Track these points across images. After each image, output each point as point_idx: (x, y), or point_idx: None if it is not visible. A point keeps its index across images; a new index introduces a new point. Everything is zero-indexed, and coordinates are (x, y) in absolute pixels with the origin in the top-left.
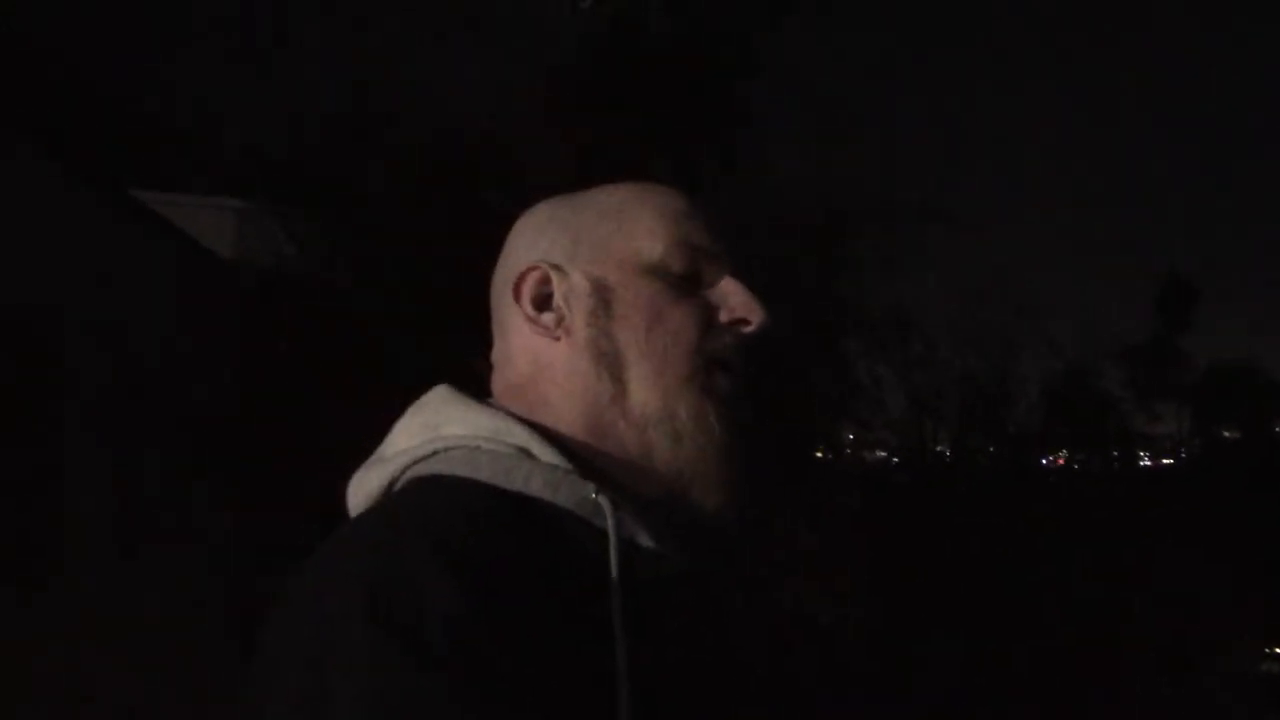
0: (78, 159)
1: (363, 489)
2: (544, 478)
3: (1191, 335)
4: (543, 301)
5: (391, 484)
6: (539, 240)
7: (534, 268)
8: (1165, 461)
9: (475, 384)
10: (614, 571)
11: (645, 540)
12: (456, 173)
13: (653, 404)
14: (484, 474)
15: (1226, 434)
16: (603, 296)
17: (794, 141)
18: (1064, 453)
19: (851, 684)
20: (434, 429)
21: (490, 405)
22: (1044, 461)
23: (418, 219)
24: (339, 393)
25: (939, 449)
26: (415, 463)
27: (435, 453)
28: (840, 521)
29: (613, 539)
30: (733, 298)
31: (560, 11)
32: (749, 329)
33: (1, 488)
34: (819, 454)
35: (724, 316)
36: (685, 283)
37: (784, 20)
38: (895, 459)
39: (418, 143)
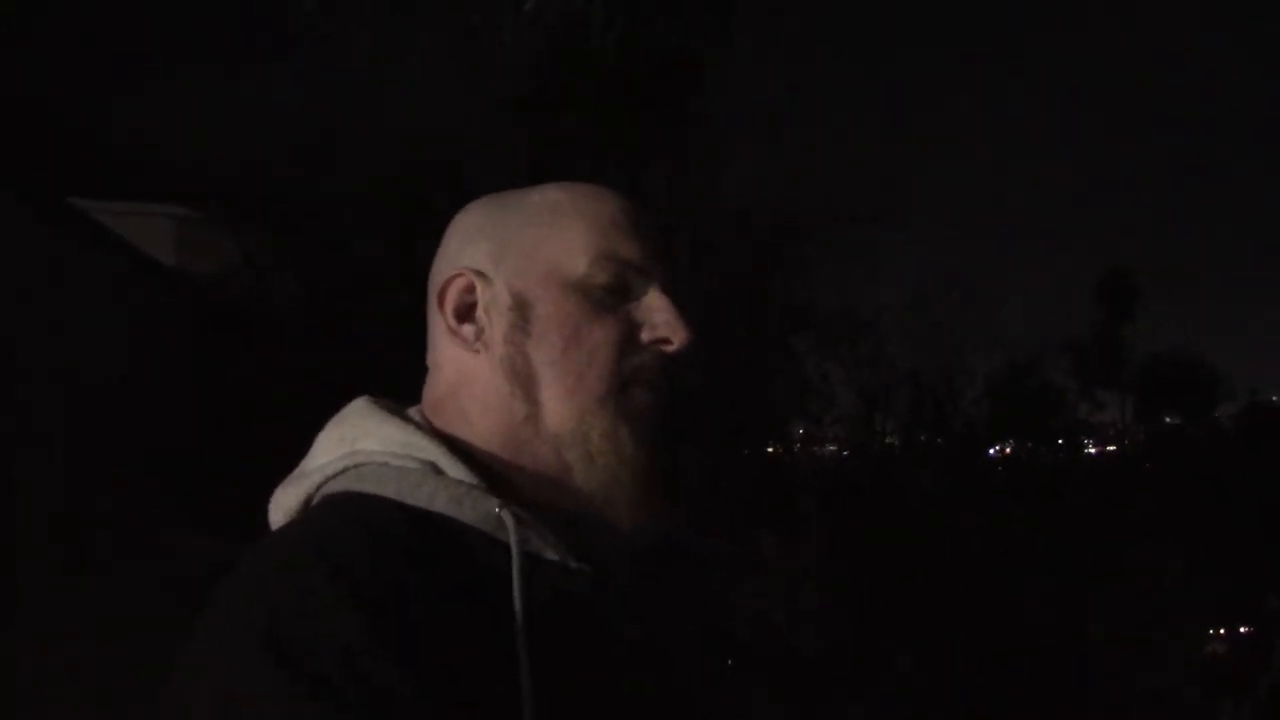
0: (10, 165)
1: (281, 506)
2: (449, 493)
3: (1132, 325)
4: (465, 311)
5: (308, 500)
6: (466, 245)
7: (459, 274)
8: (1109, 449)
9: (409, 391)
10: (516, 588)
11: (553, 555)
12: (406, 180)
13: (567, 424)
14: (391, 490)
15: (1168, 420)
16: (522, 312)
17: (745, 146)
18: (1010, 443)
19: (806, 678)
20: (350, 443)
21: (407, 418)
22: (991, 452)
23: (367, 228)
24: (289, 403)
25: (889, 441)
26: (329, 479)
27: (347, 469)
28: (794, 517)
29: (515, 554)
30: (657, 315)
31: (505, 16)
32: (670, 349)
33: None
34: (770, 449)
35: (646, 335)
36: (610, 297)
37: (730, 28)
38: (845, 453)
39: (367, 152)
